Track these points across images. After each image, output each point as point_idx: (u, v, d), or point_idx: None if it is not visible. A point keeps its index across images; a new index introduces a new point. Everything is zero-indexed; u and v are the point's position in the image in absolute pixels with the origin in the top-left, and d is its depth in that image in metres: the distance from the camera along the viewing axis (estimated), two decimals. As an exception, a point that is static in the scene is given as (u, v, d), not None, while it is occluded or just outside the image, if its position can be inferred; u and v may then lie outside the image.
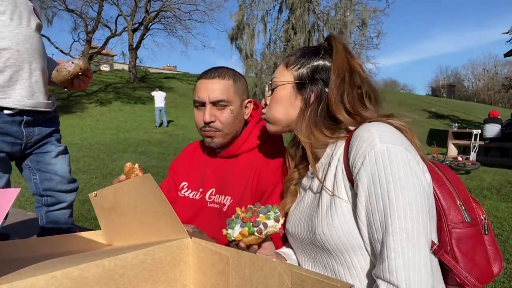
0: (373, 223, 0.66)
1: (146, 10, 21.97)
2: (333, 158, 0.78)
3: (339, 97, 0.78)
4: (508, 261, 2.59)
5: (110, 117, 13.15)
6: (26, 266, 0.59)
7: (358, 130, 0.72)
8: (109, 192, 0.81)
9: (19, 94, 1.22)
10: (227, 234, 0.77)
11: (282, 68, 0.88)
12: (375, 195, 0.65)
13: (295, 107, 0.84)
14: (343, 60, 0.80)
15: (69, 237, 0.84)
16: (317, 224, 0.76)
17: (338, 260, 0.75)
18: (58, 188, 1.39)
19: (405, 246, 0.61)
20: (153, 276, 0.63)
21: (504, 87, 27.36)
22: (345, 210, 0.73)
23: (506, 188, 5.12)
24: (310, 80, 0.82)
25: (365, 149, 0.67)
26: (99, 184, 4.85)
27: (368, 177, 0.66)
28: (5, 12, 1.18)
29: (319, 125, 0.81)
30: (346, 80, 0.79)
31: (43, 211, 1.42)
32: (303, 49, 0.87)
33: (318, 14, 14.99)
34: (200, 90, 1.07)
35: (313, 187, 0.85)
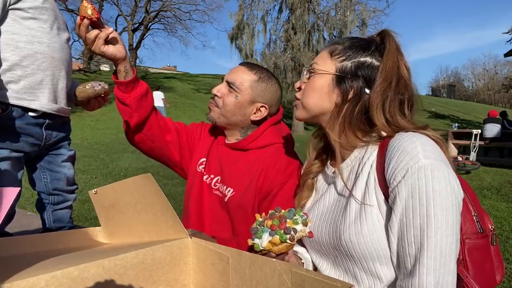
0: (407, 237, 0.65)
1: (146, 10, 21.98)
2: (365, 164, 0.76)
3: (382, 102, 0.74)
4: (508, 261, 2.59)
5: (110, 117, 13.13)
6: (27, 263, 0.59)
7: (398, 141, 0.69)
8: (109, 190, 0.81)
9: (47, 98, 1.30)
10: (254, 244, 0.71)
11: (325, 55, 0.83)
12: (412, 210, 0.65)
13: (329, 100, 0.80)
14: (394, 62, 0.76)
15: (69, 233, 0.85)
16: (344, 230, 0.74)
17: (361, 267, 0.74)
18: (65, 189, 1.49)
19: (438, 264, 0.62)
20: (153, 276, 0.63)
21: (504, 87, 27.39)
22: (375, 219, 0.71)
23: (506, 188, 5.12)
24: (352, 76, 0.78)
25: (408, 162, 0.65)
26: (99, 184, 4.84)
27: (408, 191, 0.65)
28: (47, 20, 1.28)
29: (353, 126, 0.78)
30: (392, 85, 0.75)
31: (50, 209, 1.49)
32: (352, 40, 0.82)
33: (318, 14, 15.00)
34: (228, 72, 1.15)
35: (337, 188, 0.83)
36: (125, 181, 0.77)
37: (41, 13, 1.25)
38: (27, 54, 1.22)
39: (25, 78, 1.23)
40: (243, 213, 1.06)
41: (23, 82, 1.22)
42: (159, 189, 0.69)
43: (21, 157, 1.30)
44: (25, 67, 1.22)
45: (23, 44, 1.21)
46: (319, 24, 15.02)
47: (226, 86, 1.11)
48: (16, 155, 1.28)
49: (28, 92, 1.24)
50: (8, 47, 1.19)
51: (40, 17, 1.25)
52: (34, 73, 1.24)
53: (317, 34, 15.15)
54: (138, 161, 6.60)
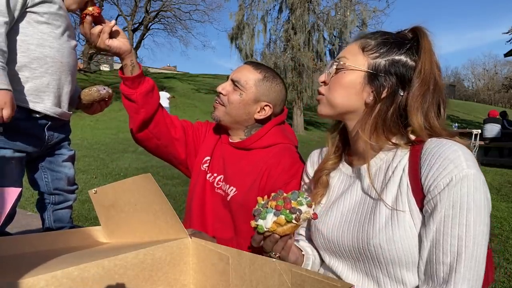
0: (443, 245, 0.65)
1: (146, 10, 21.98)
2: (396, 168, 0.73)
3: (421, 105, 0.72)
4: (508, 261, 2.59)
5: (110, 117, 13.13)
6: (27, 263, 0.59)
7: (438, 148, 0.68)
8: (109, 190, 0.81)
9: (51, 102, 1.32)
10: (257, 225, 0.69)
11: (356, 49, 0.78)
12: (452, 218, 0.64)
13: (359, 98, 0.76)
14: (431, 63, 0.73)
15: (69, 233, 0.85)
16: (373, 235, 0.71)
17: (386, 272, 0.73)
18: (66, 188, 1.50)
19: (472, 274, 0.63)
20: (153, 276, 0.63)
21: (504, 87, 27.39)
22: (407, 225, 0.69)
23: (506, 188, 5.12)
24: (385, 74, 0.74)
25: (451, 170, 0.64)
26: (99, 184, 4.84)
27: (450, 199, 0.64)
28: (60, 27, 1.31)
29: (386, 127, 0.75)
30: (431, 89, 0.72)
31: (51, 209, 1.50)
32: (385, 36, 0.78)
33: (318, 14, 15.00)
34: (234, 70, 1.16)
35: (361, 189, 0.80)
36: (125, 181, 0.77)
37: (55, 19, 1.28)
38: (36, 57, 1.24)
39: (32, 80, 1.25)
40: (245, 212, 1.06)
41: (30, 84, 1.24)
42: (159, 189, 0.69)
43: (23, 157, 1.32)
44: (33, 69, 1.24)
45: (34, 46, 1.23)
46: (319, 24, 15.02)
47: (231, 84, 1.12)
48: (19, 155, 1.29)
49: (34, 94, 1.26)
50: (19, 48, 1.21)
51: (53, 22, 1.28)
52: (42, 76, 1.26)
53: (317, 34, 15.15)
54: (138, 161, 6.60)
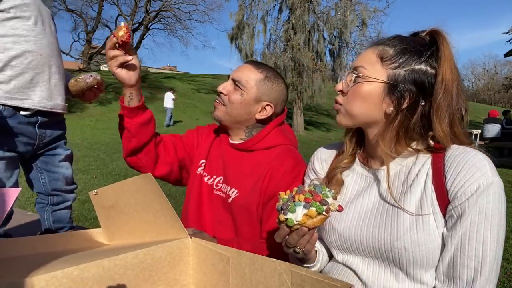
0: (468, 249, 0.67)
1: (146, 10, 21.98)
2: (420, 172, 0.74)
3: (447, 115, 0.71)
4: (508, 261, 2.59)
5: (110, 117, 13.13)
6: (26, 264, 0.59)
7: (462, 155, 0.70)
8: (110, 190, 0.81)
9: (39, 96, 1.28)
10: (287, 219, 0.68)
11: (374, 58, 0.76)
12: (478, 224, 0.67)
13: (378, 109, 0.76)
14: (452, 70, 0.72)
15: (69, 235, 0.84)
16: (397, 238, 0.72)
17: (405, 271, 0.74)
18: (64, 189, 1.47)
19: (493, 275, 0.67)
20: (153, 276, 0.63)
21: (504, 87, 27.39)
22: (431, 228, 0.71)
23: (506, 188, 5.10)
24: (405, 85, 0.73)
25: (479, 178, 0.66)
26: (99, 184, 4.84)
27: (478, 206, 0.66)
28: (31, 17, 1.24)
29: (408, 137, 0.75)
30: (454, 98, 0.72)
31: (49, 210, 1.48)
32: (403, 43, 0.76)
33: (318, 14, 14.99)
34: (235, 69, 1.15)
35: (378, 191, 0.80)
36: (125, 182, 0.77)
37: (23, 10, 1.22)
38: (15, 54, 1.21)
39: (16, 78, 1.22)
40: (247, 214, 1.06)
41: (14, 82, 1.21)
42: (159, 189, 0.69)
43: (15, 157, 1.29)
44: (14, 67, 1.21)
45: (10, 44, 1.20)
46: (319, 24, 15.01)
47: (232, 83, 1.12)
48: (10, 155, 1.27)
49: (20, 92, 1.23)
50: None
51: (22, 15, 1.22)
52: (24, 72, 1.23)
53: (317, 34, 15.14)
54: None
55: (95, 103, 14.83)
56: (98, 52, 23.02)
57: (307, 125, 15.59)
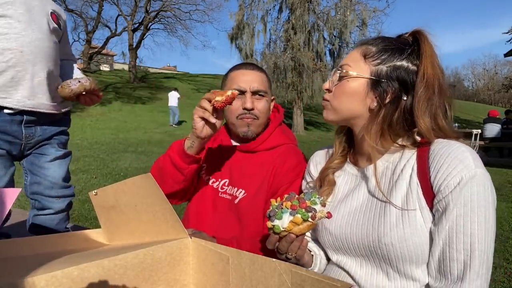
0: (456, 243, 0.67)
1: (146, 10, 21.97)
2: (404, 167, 0.75)
3: (428, 109, 0.73)
4: (508, 261, 2.59)
5: (110, 117, 13.14)
6: (26, 264, 0.59)
7: (445, 148, 0.70)
8: (110, 191, 0.81)
9: (21, 95, 1.23)
10: (274, 226, 0.70)
11: (358, 57, 0.80)
12: (464, 217, 0.66)
13: (363, 104, 0.79)
14: (433, 67, 0.74)
15: (69, 235, 0.84)
16: (385, 233, 0.73)
17: (396, 268, 0.74)
18: (46, 193, 1.36)
19: (484, 268, 0.66)
20: (153, 276, 0.63)
21: (504, 87, 27.38)
22: (418, 223, 0.71)
23: (506, 188, 5.12)
24: (388, 80, 0.76)
25: (461, 170, 0.66)
26: (99, 184, 4.84)
27: (461, 198, 0.66)
28: (13, 15, 1.21)
29: (392, 131, 0.77)
30: (436, 92, 0.73)
31: (32, 213, 1.39)
32: (385, 41, 0.79)
33: (318, 14, 14.99)
34: (240, 79, 1.12)
35: (366, 189, 0.82)
36: (125, 182, 0.77)
37: (5, 8, 1.19)
38: None
39: None
40: (255, 213, 1.08)
41: None
42: (159, 189, 0.69)
43: (3, 154, 1.25)
44: None
45: None
46: (319, 24, 15.01)
47: (252, 96, 1.11)
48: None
49: (1, 91, 1.20)
50: None
51: (5, 13, 1.19)
52: (3, 70, 1.19)
53: (317, 34, 15.14)
54: (138, 161, 6.60)
55: (95, 103, 14.78)
56: (98, 52, 23.04)
57: (307, 125, 15.59)
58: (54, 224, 1.39)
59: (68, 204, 1.44)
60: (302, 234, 0.72)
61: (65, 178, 1.42)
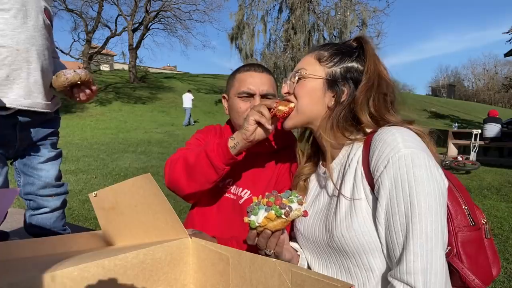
0: (393, 225, 0.67)
1: (146, 10, 21.97)
2: (352, 160, 0.79)
3: (366, 100, 0.79)
4: (508, 261, 2.59)
5: (110, 117, 13.14)
6: (26, 265, 0.59)
7: (380, 134, 0.72)
8: (109, 192, 0.81)
9: (16, 94, 1.20)
10: (250, 221, 0.74)
11: (312, 61, 0.87)
12: (396, 198, 0.66)
13: (321, 103, 0.84)
14: (375, 65, 0.82)
15: (69, 237, 0.84)
16: (335, 226, 0.76)
17: (355, 262, 0.76)
18: (40, 193, 1.36)
19: (425, 249, 0.63)
20: (153, 276, 0.63)
21: (504, 87, 27.37)
22: (364, 212, 0.73)
23: (506, 188, 5.12)
24: (342, 80, 0.83)
25: (389, 153, 0.68)
26: (99, 184, 4.84)
27: (390, 180, 0.67)
28: (10, 10, 1.17)
29: (343, 126, 0.82)
30: (375, 85, 0.80)
31: (28, 214, 1.39)
32: (335, 47, 0.87)
33: (318, 14, 14.99)
34: (248, 82, 1.11)
35: (328, 188, 0.86)
36: (125, 182, 0.77)
37: (2, 3, 1.16)
38: None
39: None
40: None
41: None
42: (159, 189, 0.69)
43: None
44: None
45: None
46: (319, 24, 15.01)
47: (261, 98, 1.11)
48: None
49: None
50: None
51: (1, 7, 1.15)
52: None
53: (317, 34, 15.15)
54: (138, 161, 6.60)
55: (95, 103, 14.83)
56: (98, 52, 23.01)
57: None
58: (51, 222, 1.39)
59: (63, 202, 1.44)
60: (277, 230, 0.74)
61: (58, 177, 1.41)
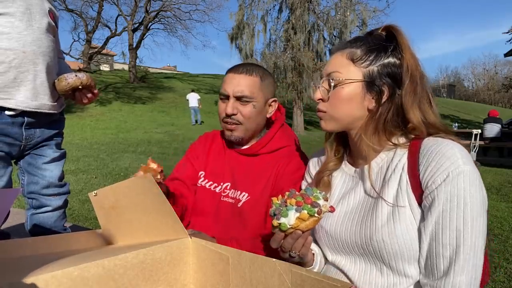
0: (441, 238, 0.67)
1: (146, 10, 21.96)
2: (396, 166, 0.76)
3: (417, 100, 0.75)
4: (508, 261, 2.59)
5: (110, 117, 13.14)
6: (27, 264, 0.59)
7: (435, 145, 0.71)
8: (109, 191, 0.81)
9: (23, 96, 1.22)
10: (280, 224, 0.69)
11: (345, 61, 0.80)
12: (450, 213, 0.67)
13: (361, 107, 0.79)
14: (413, 58, 0.76)
15: (69, 236, 0.84)
16: (376, 230, 0.74)
17: (389, 265, 0.75)
18: (43, 192, 1.38)
19: (471, 265, 0.66)
20: (153, 276, 0.63)
21: (504, 87, 27.35)
22: (408, 219, 0.72)
23: (506, 188, 5.11)
24: (380, 79, 0.77)
25: (448, 167, 0.68)
26: (99, 184, 4.84)
27: (447, 194, 0.67)
28: (16, 13, 1.19)
29: (387, 129, 0.78)
30: (419, 82, 0.75)
31: (29, 213, 1.41)
32: (367, 42, 0.80)
33: (318, 14, 14.99)
34: (226, 83, 1.10)
35: (361, 189, 0.83)
36: (125, 182, 0.77)
37: (6, 6, 1.17)
38: None
39: None
40: (258, 216, 1.07)
41: None
42: (159, 189, 0.69)
43: (3, 156, 1.25)
44: None
45: None
46: (319, 24, 15.01)
47: (236, 101, 1.09)
48: None
49: (3, 92, 1.18)
50: None
51: (6, 11, 1.17)
52: (6, 71, 1.18)
53: (317, 34, 15.14)
54: (138, 161, 6.60)
55: (95, 103, 14.82)
56: (98, 52, 23.03)
57: (307, 125, 15.59)
58: (52, 221, 1.41)
59: (65, 201, 1.47)
60: (308, 230, 0.71)
61: (61, 177, 1.44)
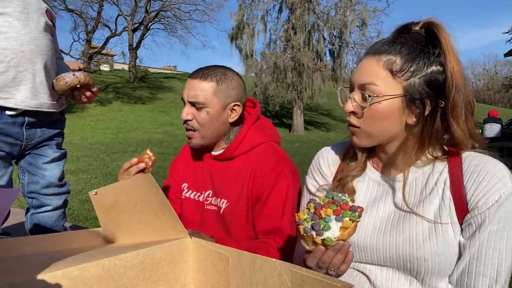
0: (484, 258, 0.68)
1: (146, 10, 21.95)
2: (438, 181, 0.73)
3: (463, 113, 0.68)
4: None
5: (110, 117, 13.13)
6: (27, 264, 0.59)
7: (482, 164, 0.70)
8: (109, 190, 0.81)
9: (23, 95, 1.23)
10: (325, 239, 0.62)
11: (382, 73, 0.70)
12: (496, 233, 0.67)
13: (399, 122, 0.72)
14: (458, 62, 0.68)
15: (69, 234, 0.85)
16: (417, 248, 0.71)
17: (420, 278, 0.74)
18: (43, 192, 1.38)
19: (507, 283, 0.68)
20: (153, 276, 0.63)
21: (504, 87, 27.36)
22: (450, 237, 0.70)
23: (506, 188, 5.11)
24: (423, 92, 0.68)
25: (500, 188, 0.67)
26: (99, 184, 4.83)
27: (498, 215, 0.67)
28: (13, 12, 1.19)
29: (431, 143, 0.72)
30: (464, 92, 0.68)
31: (29, 212, 1.41)
32: (407, 47, 0.70)
33: (318, 14, 14.98)
34: (184, 88, 1.08)
35: (391, 199, 0.78)
36: (125, 181, 0.77)
37: (4, 6, 1.17)
38: None
39: None
40: (239, 221, 1.06)
41: None
42: (159, 189, 0.69)
43: (3, 155, 1.25)
44: None
45: None
46: (319, 24, 15.00)
47: (191, 106, 1.06)
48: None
49: (3, 91, 1.19)
50: None
51: (3, 11, 1.17)
52: (5, 71, 1.18)
53: (317, 34, 15.13)
54: (138, 161, 6.59)
55: (95, 103, 14.82)
56: (98, 52, 23.01)
57: (307, 125, 15.58)
58: (52, 221, 1.41)
59: (65, 201, 1.47)
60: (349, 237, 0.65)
61: (61, 177, 1.45)
